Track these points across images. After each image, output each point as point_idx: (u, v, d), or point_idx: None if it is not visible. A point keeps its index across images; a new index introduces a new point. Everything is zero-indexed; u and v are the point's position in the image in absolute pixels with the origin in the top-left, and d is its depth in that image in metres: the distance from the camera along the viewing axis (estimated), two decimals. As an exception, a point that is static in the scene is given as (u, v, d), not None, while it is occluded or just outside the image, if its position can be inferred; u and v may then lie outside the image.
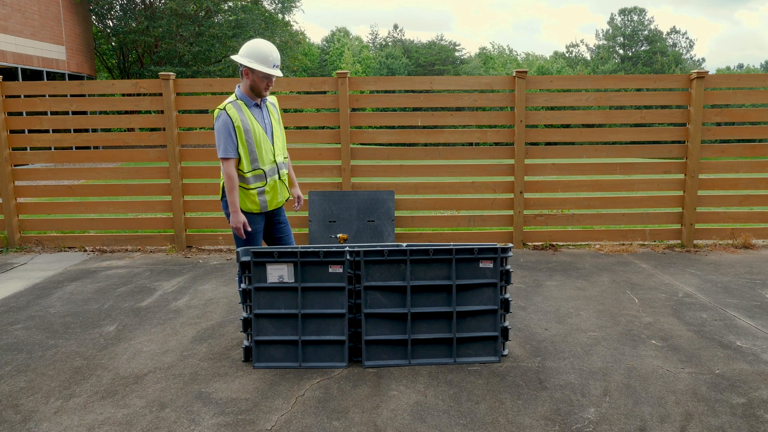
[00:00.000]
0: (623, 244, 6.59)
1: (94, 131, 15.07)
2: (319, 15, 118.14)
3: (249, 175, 3.71)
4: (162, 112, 6.43)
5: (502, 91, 6.57)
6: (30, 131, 11.23)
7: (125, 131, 9.80)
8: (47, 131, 10.33)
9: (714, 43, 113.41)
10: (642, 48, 58.61)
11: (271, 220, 3.97)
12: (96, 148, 13.29)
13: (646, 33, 58.49)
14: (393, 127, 7.74)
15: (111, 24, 25.77)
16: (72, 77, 19.93)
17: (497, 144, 11.11)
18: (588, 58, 62.25)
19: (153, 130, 8.58)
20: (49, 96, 6.74)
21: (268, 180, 3.77)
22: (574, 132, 6.58)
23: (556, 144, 6.86)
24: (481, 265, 3.51)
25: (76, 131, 13.87)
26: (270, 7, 28.70)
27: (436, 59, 58.72)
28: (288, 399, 3.12)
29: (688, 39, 72.22)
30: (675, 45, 60.62)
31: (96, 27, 24.77)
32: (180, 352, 3.76)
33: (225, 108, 3.62)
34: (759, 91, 6.50)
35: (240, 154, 3.64)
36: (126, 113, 16.49)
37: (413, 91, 6.73)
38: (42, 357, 3.69)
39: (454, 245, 3.51)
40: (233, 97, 3.70)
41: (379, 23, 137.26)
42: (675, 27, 79.86)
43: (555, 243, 6.66)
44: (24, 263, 6.11)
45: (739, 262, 5.93)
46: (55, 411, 3.02)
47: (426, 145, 6.97)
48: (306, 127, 7.79)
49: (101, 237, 6.72)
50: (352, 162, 6.41)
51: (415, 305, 3.52)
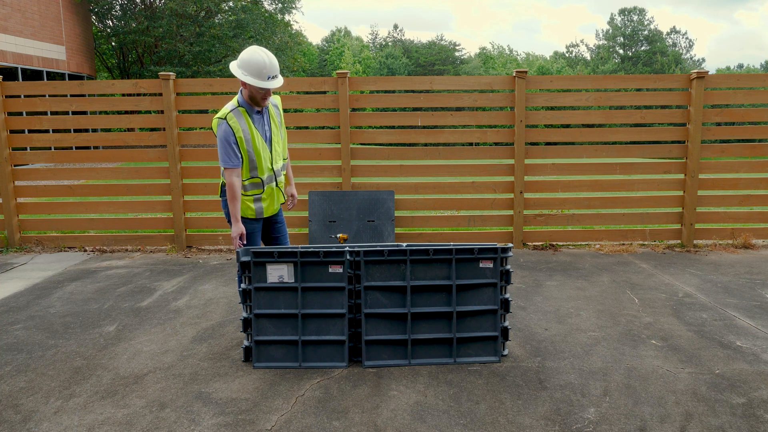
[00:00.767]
0: (623, 244, 6.59)
1: (94, 131, 15.06)
2: (319, 15, 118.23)
3: (247, 183, 3.72)
4: (162, 112, 6.43)
5: (502, 91, 6.58)
6: (30, 131, 11.23)
7: (125, 131, 9.80)
8: (47, 131, 10.32)
9: (714, 43, 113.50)
10: (642, 48, 58.62)
11: (269, 220, 3.99)
12: (96, 148, 13.29)
13: (646, 33, 58.50)
14: (393, 127, 7.73)
15: (111, 24, 25.77)
16: (72, 77, 19.93)
17: (497, 144, 11.11)
18: (588, 58, 62.27)
19: (153, 130, 8.58)
20: (49, 96, 6.74)
21: (265, 188, 3.78)
22: (574, 132, 6.58)
23: (556, 144, 6.86)
24: (481, 265, 3.51)
25: (76, 131, 13.86)
26: (270, 8, 28.70)
27: (436, 59, 58.73)
28: (288, 399, 3.12)
29: (687, 39, 72.26)
30: (675, 45, 60.65)
31: (96, 27, 24.77)
32: (180, 352, 3.76)
33: (226, 117, 3.58)
34: (759, 91, 6.50)
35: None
36: (126, 113, 16.49)
37: (413, 91, 6.73)
38: (42, 357, 3.69)
39: (454, 245, 3.51)
40: (235, 103, 3.65)
41: (379, 23, 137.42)
42: (675, 27, 79.91)
43: (555, 243, 6.66)
44: (24, 263, 6.11)
45: (739, 262, 5.93)
46: (55, 411, 3.02)
47: (426, 145, 6.97)
48: (306, 127, 7.78)
49: (101, 237, 6.72)
50: (352, 162, 6.41)
51: (415, 305, 3.52)
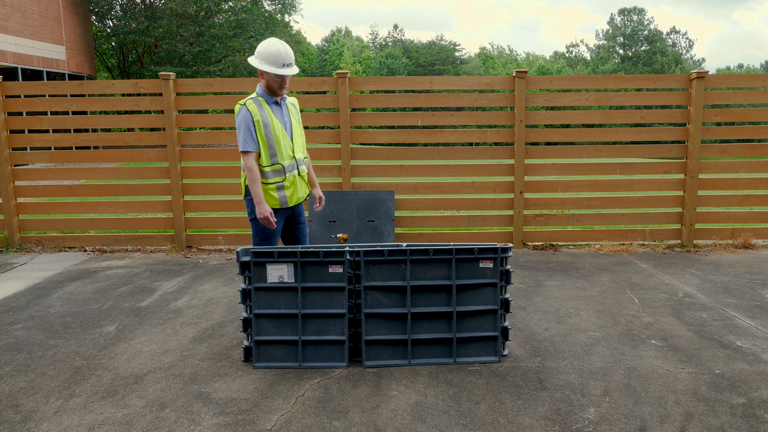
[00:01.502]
0: (623, 244, 6.59)
1: (94, 131, 15.07)
2: (319, 15, 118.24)
3: (268, 170, 3.77)
4: (162, 112, 6.43)
5: (502, 91, 6.58)
6: (30, 131, 11.23)
7: (125, 131, 9.80)
8: (47, 131, 10.33)
9: (713, 43, 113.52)
10: (642, 48, 58.61)
11: (292, 219, 4.03)
12: (96, 148, 13.29)
13: (645, 33, 58.49)
14: (393, 127, 7.74)
15: (111, 24, 25.77)
16: (72, 77, 19.93)
17: (497, 144, 11.12)
18: (588, 58, 62.27)
19: (153, 130, 8.58)
20: (49, 96, 6.74)
21: (287, 175, 3.84)
22: (574, 132, 6.58)
23: (556, 144, 6.86)
24: (481, 265, 3.51)
25: (76, 131, 13.87)
26: (270, 8, 28.71)
27: (436, 59, 58.72)
28: (288, 399, 3.12)
29: (687, 39, 72.24)
30: (675, 45, 60.64)
31: (96, 27, 24.78)
32: (180, 352, 3.76)
33: (245, 103, 3.72)
34: (759, 91, 6.50)
35: (259, 148, 3.72)
36: (126, 113, 16.49)
37: (413, 91, 6.73)
38: (42, 357, 3.69)
39: (454, 245, 3.51)
40: (254, 94, 3.80)
41: (379, 23, 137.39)
42: (675, 27, 79.92)
43: (555, 243, 6.66)
44: (24, 263, 6.11)
45: (739, 262, 5.93)
46: (55, 411, 3.02)
47: (426, 145, 6.97)
48: (306, 127, 7.75)
49: (101, 237, 6.72)
50: (352, 162, 6.41)
51: (415, 305, 3.52)
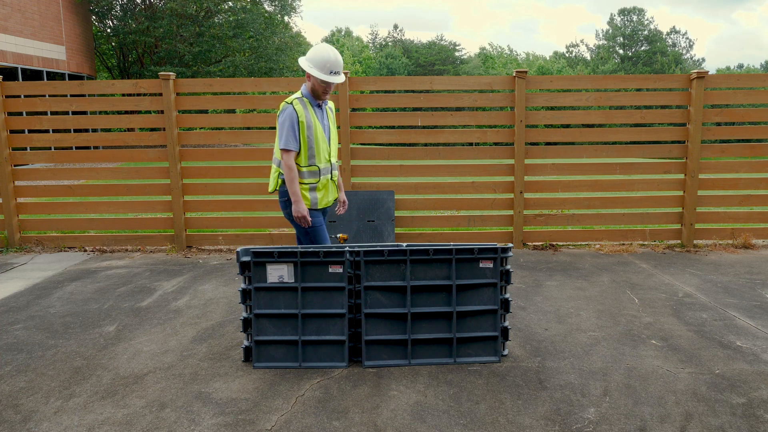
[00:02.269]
0: (623, 244, 6.59)
1: (94, 131, 15.07)
2: (319, 15, 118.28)
3: (305, 170, 3.84)
4: (162, 112, 6.43)
5: (502, 91, 6.58)
6: (30, 131, 11.24)
7: (125, 131, 9.80)
8: (47, 131, 10.34)
9: (713, 43, 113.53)
10: (642, 48, 58.61)
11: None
12: (96, 148, 13.30)
13: (645, 33, 58.49)
14: (393, 127, 7.74)
15: (111, 24, 25.77)
16: (72, 77, 19.93)
17: (497, 144, 11.12)
18: (588, 58, 62.27)
19: (153, 130, 8.58)
20: (49, 96, 6.74)
21: (321, 178, 3.90)
22: (574, 132, 6.58)
23: (556, 144, 6.86)
24: (481, 265, 3.51)
25: (76, 131, 13.87)
26: (270, 8, 28.70)
27: (436, 59, 58.72)
28: (288, 399, 3.12)
29: (687, 39, 72.19)
30: (675, 45, 60.63)
31: (96, 27, 24.77)
32: (180, 352, 3.76)
33: (292, 102, 3.79)
34: (759, 91, 6.49)
35: (300, 148, 3.79)
36: (126, 113, 16.49)
37: (413, 91, 6.73)
38: (42, 357, 3.69)
39: (454, 245, 3.51)
40: (299, 94, 3.87)
41: (379, 23, 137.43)
42: (675, 27, 79.93)
43: (555, 243, 6.66)
44: (24, 263, 6.11)
45: (739, 262, 5.93)
46: (55, 411, 3.02)
47: (426, 145, 6.97)
48: (306, 127, 7.77)
49: (101, 237, 6.72)
50: (352, 162, 6.41)
51: (415, 305, 3.52)
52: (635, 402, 3.08)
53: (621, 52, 59.32)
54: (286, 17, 29.43)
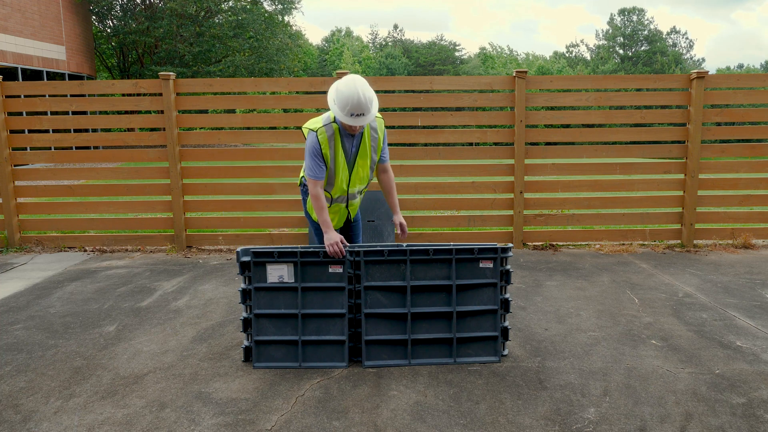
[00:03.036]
0: (623, 244, 6.59)
1: (94, 131, 15.06)
2: (319, 15, 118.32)
3: None
4: (162, 112, 6.43)
5: (502, 91, 6.57)
6: (30, 131, 11.23)
7: (125, 131, 9.80)
8: (47, 131, 10.33)
9: (713, 43, 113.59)
10: (642, 48, 58.63)
11: (349, 224, 4.02)
12: (96, 148, 13.29)
13: (645, 33, 58.51)
14: (393, 127, 7.73)
15: (111, 24, 25.79)
16: (72, 77, 19.94)
17: (497, 144, 11.11)
18: (588, 58, 62.27)
19: (153, 130, 8.57)
20: (49, 96, 6.73)
21: (332, 205, 3.79)
22: (574, 132, 6.58)
23: (556, 144, 6.86)
24: (481, 265, 3.51)
25: (76, 131, 13.86)
26: (270, 8, 28.71)
27: (436, 59, 58.74)
28: (288, 399, 3.12)
29: (687, 39, 72.26)
30: (675, 45, 60.65)
31: (96, 27, 24.79)
32: (180, 352, 3.76)
33: (317, 131, 3.52)
34: (759, 91, 6.49)
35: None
36: (126, 113, 16.49)
37: (413, 91, 6.72)
38: (42, 357, 3.69)
39: (454, 245, 3.51)
40: (331, 117, 3.55)
41: (379, 23, 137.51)
42: (675, 27, 79.91)
43: (555, 243, 6.66)
44: (24, 263, 6.11)
45: (739, 262, 5.93)
46: (55, 411, 3.02)
47: (426, 145, 6.96)
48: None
49: (101, 237, 6.72)
50: (352, 162, 6.40)
51: (415, 305, 3.52)
52: (635, 402, 3.08)
53: (621, 52, 59.33)
54: (286, 17, 29.46)
